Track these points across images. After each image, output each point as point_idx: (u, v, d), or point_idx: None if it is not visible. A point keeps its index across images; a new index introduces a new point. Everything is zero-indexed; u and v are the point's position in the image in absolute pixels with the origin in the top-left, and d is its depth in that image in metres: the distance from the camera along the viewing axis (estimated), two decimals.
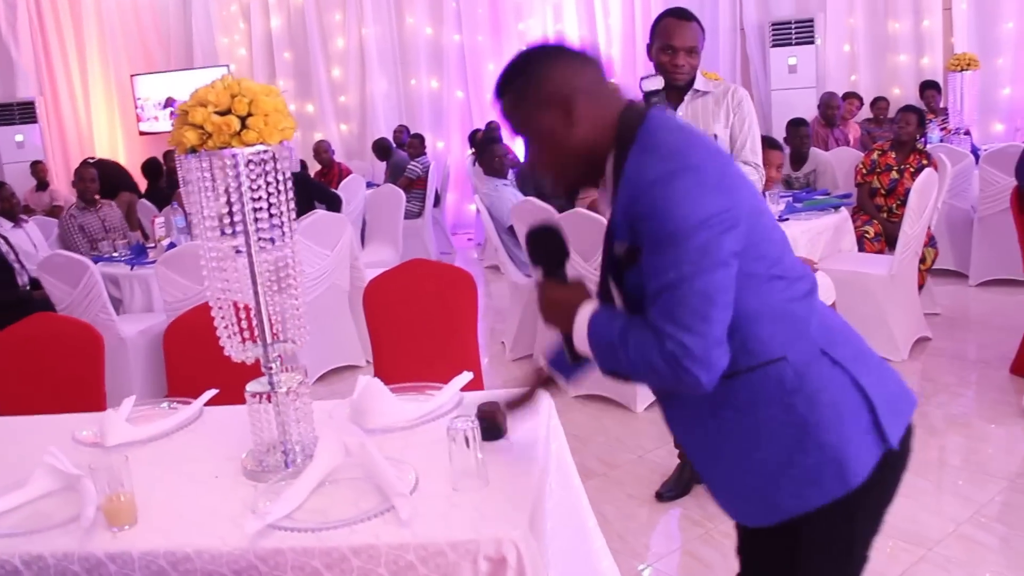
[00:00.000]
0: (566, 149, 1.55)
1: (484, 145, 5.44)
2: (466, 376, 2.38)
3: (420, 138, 8.81)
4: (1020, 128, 7.90)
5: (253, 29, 10.43)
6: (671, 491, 3.49)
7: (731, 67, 9.24)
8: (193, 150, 1.83)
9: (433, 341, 3.24)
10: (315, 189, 6.04)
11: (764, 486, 1.51)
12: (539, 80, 1.54)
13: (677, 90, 3.19)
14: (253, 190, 1.85)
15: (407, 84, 10.34)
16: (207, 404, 2.45)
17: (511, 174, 5.80)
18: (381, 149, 8.58)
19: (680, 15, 3.11)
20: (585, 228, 4.25)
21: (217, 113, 1.80)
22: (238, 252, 1.93)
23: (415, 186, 8.05)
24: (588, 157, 1.56)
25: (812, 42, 8.59)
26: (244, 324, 1.98)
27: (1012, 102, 8.16)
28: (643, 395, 4.28)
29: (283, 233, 1.93)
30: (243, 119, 1.80)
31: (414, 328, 3.25)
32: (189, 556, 1.71)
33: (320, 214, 5.07)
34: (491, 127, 8.44)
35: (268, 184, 1.86)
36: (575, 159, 1.56)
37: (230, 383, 2.47)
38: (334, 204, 5.98)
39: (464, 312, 3.29)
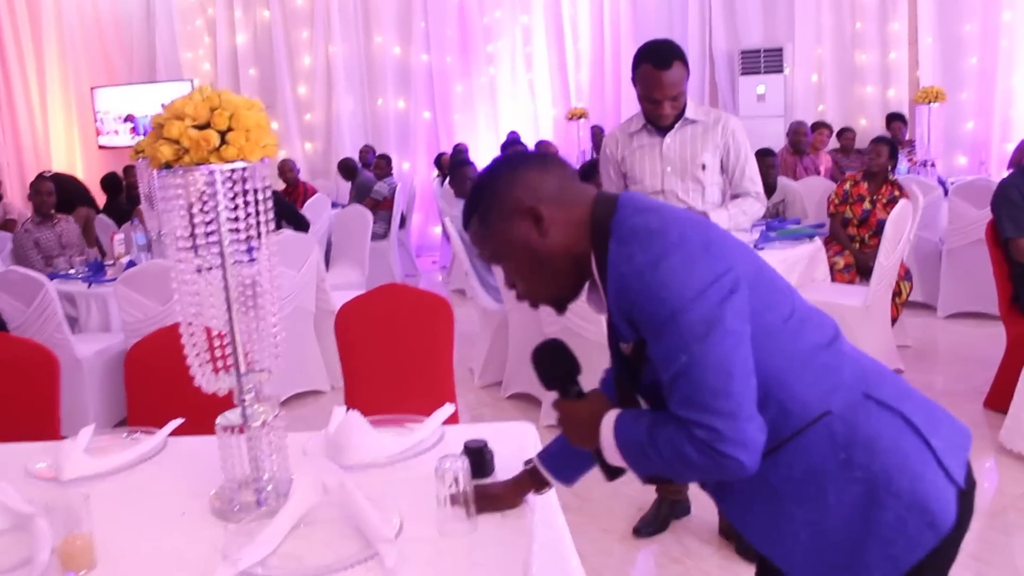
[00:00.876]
0: (544, 259, 1.46)
1: (455, 167, 5.35)
2: (448, 409, 2.27)
3: (387, 159, 8.70)
4: (984, 162, 7.99)
5: (218, 44, 10.27)
6: (649, 527, 3.39)
7: (700, 94, 9.27)
8: (168, 165, 1.70)
9: (407, 369, 3.12)
10: (285, 209, 5.89)
11: (850, 556, 1.37)
12: (501, 196, 1.47)
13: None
14: (231, 209, 1.74)
15: (373, 104, 10.23)
16: (172, 434, 2.31)
17: None
18: (347, 169, 8.45)
19: (659, 63, 2.97)
20: None
21: (195, 127, 1.68)
22: (199, 271, 1.80)
23: (381, 207, 7.93)
24: (570, 263, 1.47)
25: (781, 71, 8.64)
26: (217, 352, 1.85)
27: (975, 136, 8.27)
28: None
29: (257, 257, 1.81)
30: (223, 134, 1.69)
31: (387, 355, 3.13)
32: None
33: (287, 233, 4.94)
34: (459, 149, 8.36)
35: (247, 204, 1.75)
36: (557, 268, 1.47)
37: (196, 411, 2.34)
38: (301, 225, 5.84)
39: (440, 340, 3.17)
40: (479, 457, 1.95)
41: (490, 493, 1.78)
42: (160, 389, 2.71)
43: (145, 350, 2.92)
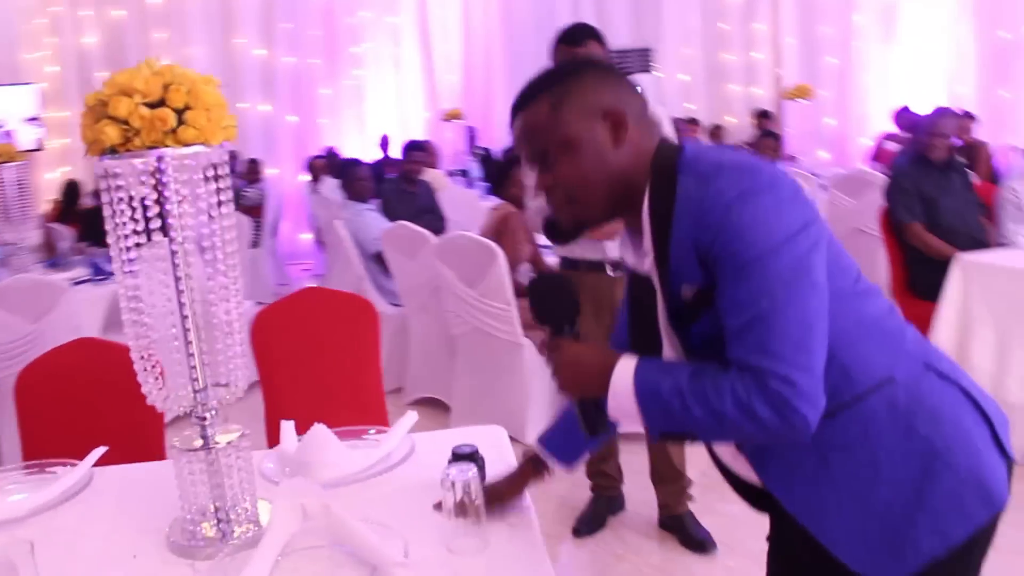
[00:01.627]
0: (605, 170, 1.33)
1: (345, 169, 5.11)
2: (412, 417, 2.09)
3: (256, 163, 8.30)
4: (880, 140, 8.20)
5: (64, 45, 9.54)
6: (587, 526, 3.30)
7: None
8: (113, 151, 1.46)
9: (332, 377, 2.90)
10: None
11: (896, 529, 1.30)
12: (591, 88, 1.34)
13: None
14: (191, 201, 1.52)
15: (236, 107, 9.73)
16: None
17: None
18: None
19: (573, 42, 2.91)
20: (473, 253, 4.03)
21: (146, 105, 1.44)
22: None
23: (251, 214, 7.55)
24: (623, 187, 1.34)
25: (650, 70, 8.77)
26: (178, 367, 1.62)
27: (836, 131, 8.63)
28: (533, 424, 4.05)
29: (220, 256, 1.60)
30: (179, 113, 1.46)
31: (309, 363, 2.90)
32: None
33: (165, 241, 4.57)
34: (330, 152, 8.07)
35: (211, 193, 1.53)
36: (610, 185, 1.34)
37: (104, 438, 2.08)
38: None
39: (366, 345, 2.96)
40: (468, 461, 1.79)
41: (493, 490, 1.63)
42: (57, 417, 2.41)
43: (38, 375, 2.59)
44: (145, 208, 1.51)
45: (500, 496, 1.65)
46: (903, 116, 8.35)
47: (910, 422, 1.30)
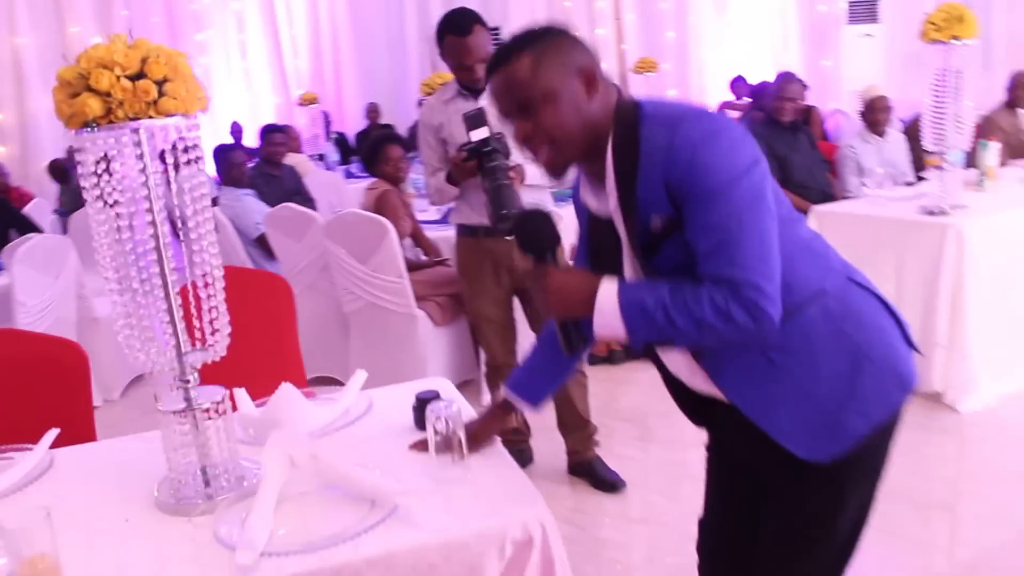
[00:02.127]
0: (580, 118, 1.49)
1: (221, 154, 5.04)
2: (362, 375, 2.19)
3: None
4: None
5: None
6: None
7: (420, 74, 9.38)
8: (93, 124, 1.51)
9: (253, 354, 2.93)
10: (12, 216, 5.24)
11: (830, 416, 1.52)
12: (567, 49, 1.50)
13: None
14: (172, 168, 1.58)
15: None
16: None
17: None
18: (59, 171, 7.64)
19: (461, 31, 3.08)
20: (364, 229, 4.10)
21: (127, 77, 1.50)
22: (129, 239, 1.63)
23: None
24: (591, 135, 1.51)
25: None
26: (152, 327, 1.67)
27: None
28: None
29: (194, 224, 1.67)
30: (159, 84, 1.52)
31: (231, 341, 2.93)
32: None
33: (41, 238, 4.43)
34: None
35: (189, 163, 1.60)
36: (584, 131, 1.50)
37: (40, 424, 2.09)
38: (31, 232, 5.22)
39: (283, 321, 3.03)
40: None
41: (467, 432, 1.76)
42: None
43: None
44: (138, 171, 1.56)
45: (475, 437, 1.78)
46: (738, 84, 8.92)
47: (840, 326, 1.53)
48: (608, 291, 1.47)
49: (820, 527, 1.61)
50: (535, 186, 3.15)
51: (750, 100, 7.87)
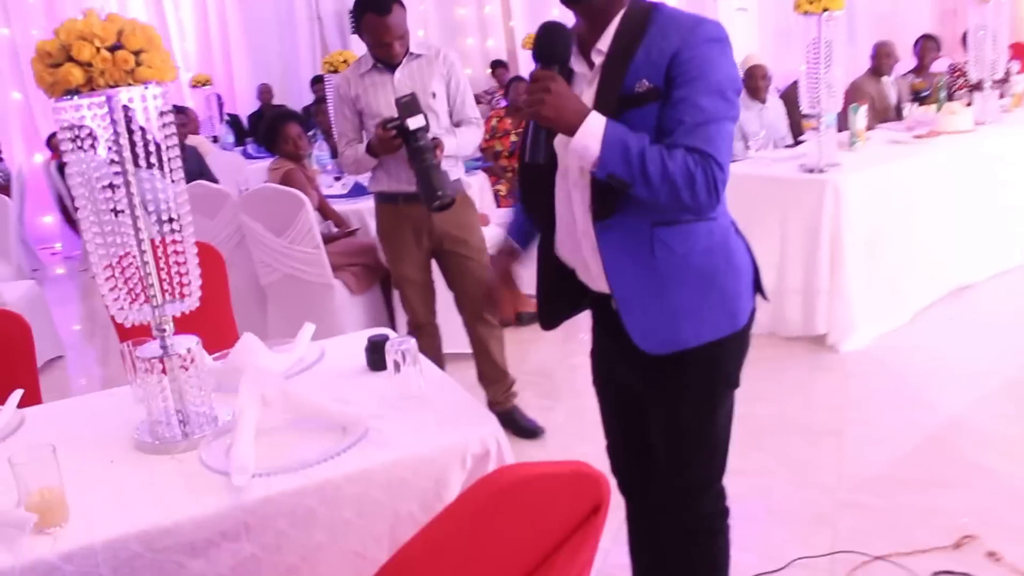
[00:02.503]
0: None
1: None
2: (310, 328, 2.35)
3: None
4: None
5: None
6: None
7: (311, 54, 9.39)
8: (75, 91, 1.63)
9: (189, 319, 3.06)
10: None
11: (678, 316, 1.79)
12: None
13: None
14: (145, 133, 1.72)
15: None
16: None
17: None
18: None
19: (381, 10, 3.21)
20: (279, 203, 4.21)
21: (107, 49, 1.62)
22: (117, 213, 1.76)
23: None
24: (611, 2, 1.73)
25: None
26: (133, 284, 1.81)
27: None
28: None
29: (171, 181, 1.81)
30: (135, 55, 1.65)
31: None
32: (168, 530, 1.56)
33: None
34: None
35: (165, 126, 1.73)
36: None
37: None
38: None
39: (218, 290, 3.15)
40: (382, 349, 2.11)
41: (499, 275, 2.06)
42: None
43: None
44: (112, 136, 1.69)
45: (505, 270, 2.06)
46: None
47: (712, 252, 1.80)
48: (598, 117, 1.65)
49: (693, 429, 1.89)
50: (450, 156, 3.34)
51: None
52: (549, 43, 1.71)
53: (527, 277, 2.03)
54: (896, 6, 10.18)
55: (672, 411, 1.89)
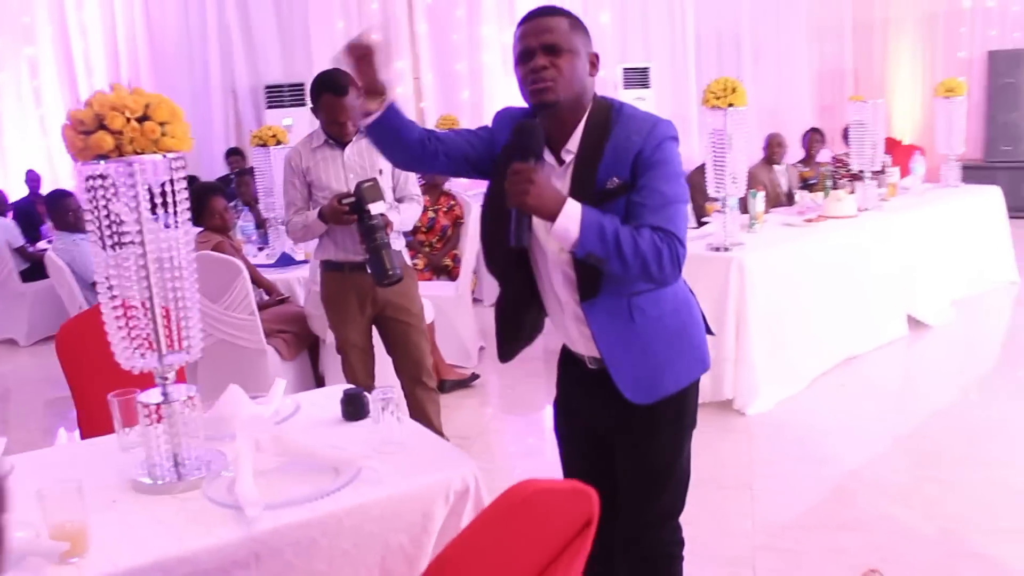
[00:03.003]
0: (580, 82, 1.96)
1: (55, 200, 5.06)
2: (282, 383, 2.51)
3: None
4: None
5: None
6: None
7: (224, 127, 9.50)
8: (104, 156, 1.81)
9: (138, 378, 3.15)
10: None
11: (660, 369, 2.06)
12: (588, 37, 2.01)
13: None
14: (161, 195, 1.89)
15: None
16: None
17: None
18: None
19: (339, 91, 3.44)
20: (215, 271, 4.33)
21: (136, 119, 1.81)
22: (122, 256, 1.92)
23: None
24: (577, 101, 1.97)
25: (304, 104, 9.26)
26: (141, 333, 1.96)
27: None
28: None
29: (179, 246, 1.97)
30: (161, 126, 1.84)
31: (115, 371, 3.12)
32: (185, 559, 1.70)
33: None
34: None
35: (176, 191, 1.91)
36: (576, 93, 1.96)
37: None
38: None
39: None
40: (357, 401, 2.31)
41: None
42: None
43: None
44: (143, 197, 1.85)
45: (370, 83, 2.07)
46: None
47: (678, 310, 2.09)
48: (575, 203, 1.88)
49: (664, 466, 2.14)
50: (394, 231, 3.54)
51: None
52: (527, 139, 1.93)
53: (454, 345, 2.25)
54: (780, 102, 11.04)
55: (646, 450, 2.12)
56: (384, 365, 3.81)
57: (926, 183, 6.93)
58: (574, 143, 2.00)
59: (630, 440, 2.14)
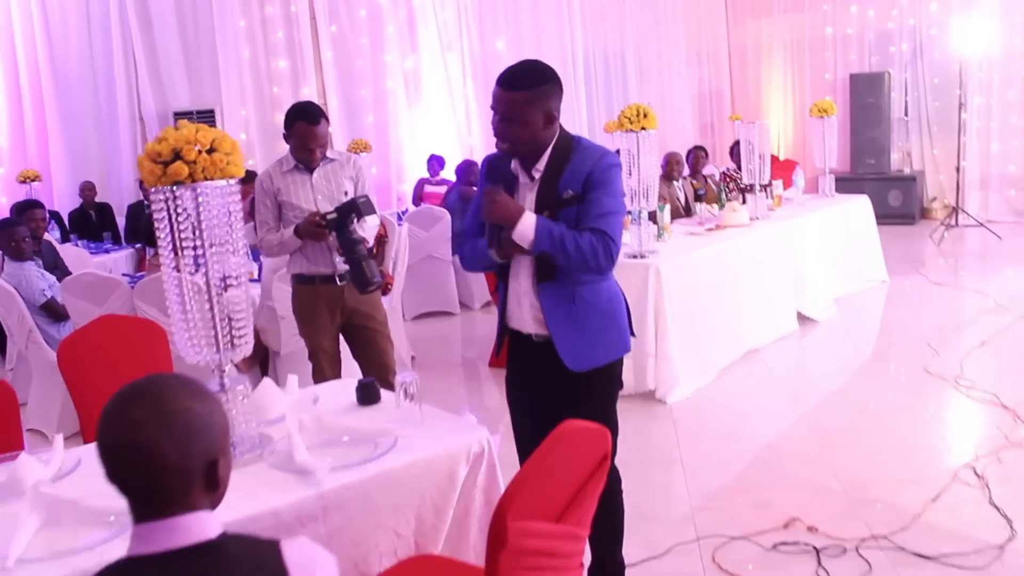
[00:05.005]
0: (534, 138, 2.51)
1: (2, 229, 5.18)
2: (295, 377, 2.86)
3: None
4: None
5: None
6: None
7: (132, 153, 9.56)
8: (177, 182, 2.15)
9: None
10: None
11: (593, 345, 2.61)
12: (551, 98, 2.50)
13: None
14: (224, 216, 2.24)
15: None
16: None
17: None
18: None
19: (312, 120, 3.82)
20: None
21: (206, 152, 2.16)
22: (189, 270, 2.26)
23: None
24: (536, 145, 2.53)
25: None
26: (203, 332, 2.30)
27: (379, 179, 10.13)
28: None
29: (233, 257, 2.32)
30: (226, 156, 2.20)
31: (116, 380, 3.38)
32: (272, 512, 2.05)
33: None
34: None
35: (231, 213, 2.26)
36: (530, 144, 2.52)
37: None
38: None
39: (160, 357, 3.53)
40: (371, 388, 2.69)
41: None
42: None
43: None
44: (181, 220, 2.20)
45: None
46: (432, 163, 10.14)
47: (609, 298, 2.64)
48: (531, 214, 2.49)
49: (601, 418, 2.47)
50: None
51: (456, 177, 9.06)
52: (497, 168, 2.65)
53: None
54: (665, 121, 11.79)
55: (586, 408, 2.55)
56: (350, 369, 4.17)
57: (805, 194, 7.69)
58: (542, 164, 2.56)
59: (573, 399, 2.64)
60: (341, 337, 4.10)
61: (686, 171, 7.94)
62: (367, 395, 2.69)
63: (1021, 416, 4.30)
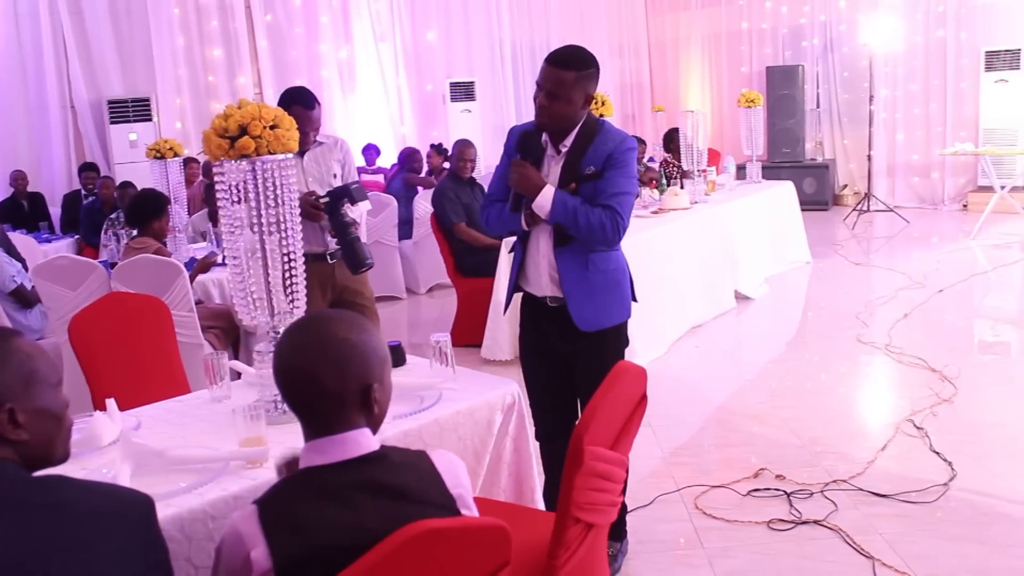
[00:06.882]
0: (571, 115, 2.77)
1: None
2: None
3: None
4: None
5: None
6: None
7: (64, 142, 9.42)
8: (244, 156, 2.34)
9: (143, 361, 3.56)
10: None
11: (601, 308, 2.88)
12: (592, 82, 2.77)
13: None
14: (283, 187, 2.43)
15: None
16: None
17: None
18: None
19: (307, 105, 3.98)
20: (156, 272, 4.68)
21: (269, 127, 2.36)
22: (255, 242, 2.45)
23: None
24: (569, 121, 2.79)
25: (150, 119, 9.39)
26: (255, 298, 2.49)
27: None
28: None
29: (289, 224, 2.51)
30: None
31: (125, 355, 3.52)
32: None
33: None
34: None
35: (287, 185, 2.46)
36: (566, 119, 2.78)
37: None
38: None
39: (166, 336, 3.67)
40: (399, 352, 2.91)
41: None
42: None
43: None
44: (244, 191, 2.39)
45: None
46: (369, 151, 10.28)
47: (617, 268, 2.91)
48: (550, 187, 2.75)
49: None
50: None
51: (396, 164, 9.23)
52: (527, 143, 2.86)
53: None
54: None
55: (596, 366, 2.81)
56: None
57: (735, 180, 8.14)
58: (569, 140, 2.82)
59: (583, 359, 2.93)
60: None
61: None
62: (394, 359, 2.90)
63: (948, 376, 4.77)
